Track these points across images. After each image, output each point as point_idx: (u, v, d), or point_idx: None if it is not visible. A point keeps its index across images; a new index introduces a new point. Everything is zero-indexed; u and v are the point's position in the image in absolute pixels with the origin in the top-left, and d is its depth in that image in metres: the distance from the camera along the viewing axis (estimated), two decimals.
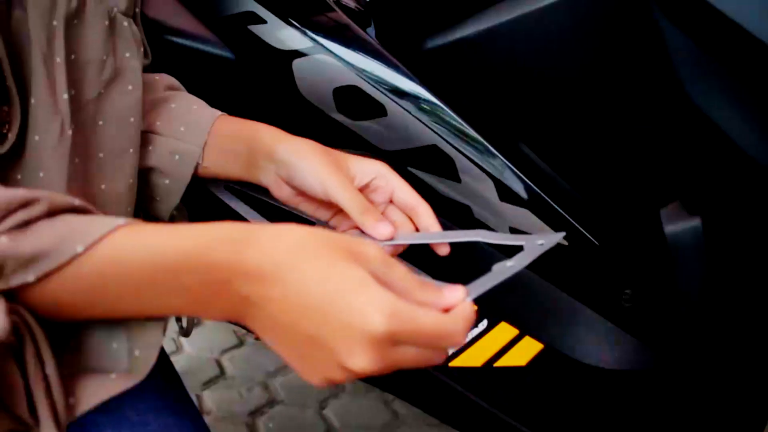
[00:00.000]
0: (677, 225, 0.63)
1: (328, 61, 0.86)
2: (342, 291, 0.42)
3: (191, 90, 0.77)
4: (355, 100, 0.85)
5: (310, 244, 0.44)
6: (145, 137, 0.69)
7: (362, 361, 0.41)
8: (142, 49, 0.63)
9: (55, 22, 0.55)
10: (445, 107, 0.82)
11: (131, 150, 0.63)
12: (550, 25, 0.77)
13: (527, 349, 0.78)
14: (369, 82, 0.84)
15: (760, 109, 0.60)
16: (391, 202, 0.68)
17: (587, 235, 0.80)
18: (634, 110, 0.76)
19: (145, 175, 0.69)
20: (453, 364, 0.76)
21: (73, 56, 0.57)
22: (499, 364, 0.76)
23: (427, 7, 0.89)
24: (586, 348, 0.79)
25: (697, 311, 0.63)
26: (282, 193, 0.68)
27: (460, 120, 0.82)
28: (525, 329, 0.76)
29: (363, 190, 0.67)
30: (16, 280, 0.41)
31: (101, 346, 0.47)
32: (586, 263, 0.81)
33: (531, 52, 0.81)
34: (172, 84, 0.75)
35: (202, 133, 0.69)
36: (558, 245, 0.80)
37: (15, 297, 0.42)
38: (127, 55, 0.61)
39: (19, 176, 0.54)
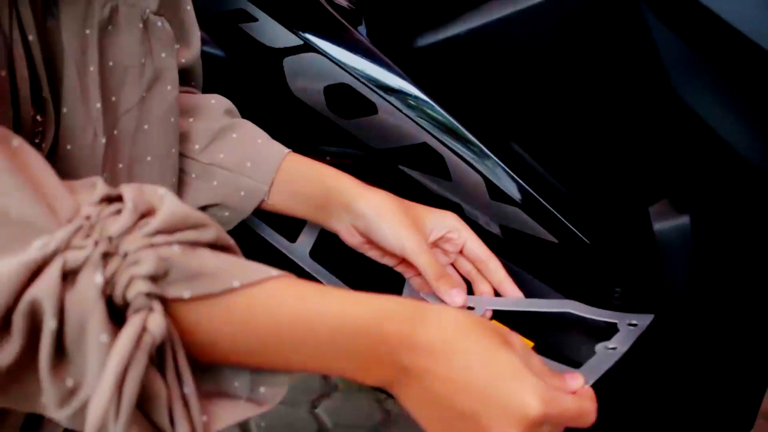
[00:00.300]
0: (666, 223, 0.63)
1: (319, 60, 0.86)
2: (504, 375, 0.46)
3: None
4: (345, 98, 0.85)
5: (472, 327, 0.47)
6: (210, 171, 0.70)
7: None
8: (176, 46, 0.63)
9: (87, 31, 0.54)
10: (436, 105, 0.82)
11: (173, 150, 0.63)
12: (540, 23, 0.77)
13: None
14: (360, 80, 0.84)
15: (750, 107, 0.60)
16: (461, 252, 0.72)
17: (578, 233, 0.80)
18: (624, 108, 0.76)
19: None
20: None
21: (110, 63, 0.57)
22: None
23: (418, 6, 0.89)
24: (577, 346, 0.79)
25: (684, 308, 0.63)
26: (353, 240, 0.71)
27: (450, 118, 0.82)
28: (516, 327, 0.76)
29: (437, 241, 0.71)
30: (173, 291, 0.40)
31: (224, 380, 0.46)
32: (576, 262, 0.81)
33: (521, 50, 0.81)
34: (229, 108, 0.75)
35: (270, 171, 0.70)
36: (549, 242, 0.80)
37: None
38: (163, 55, 0.61)
39: None
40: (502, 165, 0.81)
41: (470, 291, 0.74)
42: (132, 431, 0.37)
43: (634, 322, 0.69)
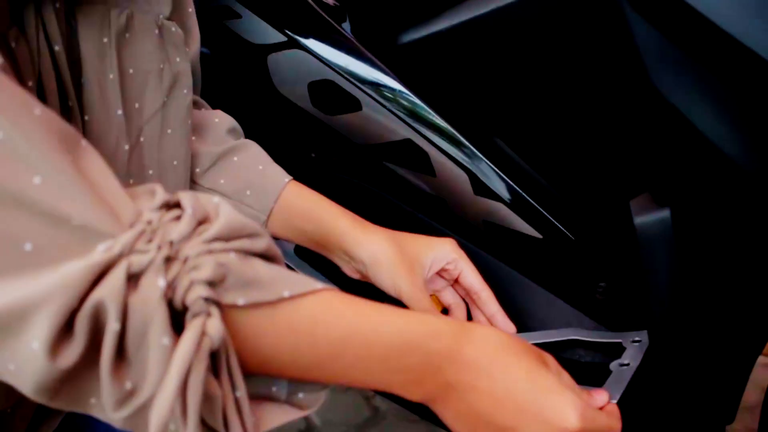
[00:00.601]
0: (646, 216, 0.63)
1: (303, 56, 0.86)
2: (544, 390, 0.48)
3: None
4: (330, 94, 0.85)
5: (513, 346, 0.50)
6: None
7: None
8: (187, 49, 0.63)
9: (105, 39, 0.55)
10: (420, 102, 0.83)
11: (189, 152, 0.64)
12: (522, 19, 0.78)
13: None
14: (344, 77, 0.84)
15: (728, 101, 0.61)
16: (457, 281, 0.74)
17: (562, 229, 0.80)
18: (604, 103, 0.77)
19: None
20: None
21: (131, 70, 0.57)
22: None
23: (402, 2, 0.90)
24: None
25: (665, 300, 0.63)
26: (355, 275, 0.73)
27: (435, 114, 0.82)
28: None
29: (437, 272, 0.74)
30: (229, 297, 0.40)
31: (264, 385, 0.47)
32: (561, 257, 0.81)
33: (503, 46, 0.81)
34: (232, 127, 0.76)
35: (268, 202, 0.72)
36: (533, 238, 0.81)
37: None
38: (178, 59, 0.62)
39: None
40: (486, 161, 0.81)
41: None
42: None
43: (637, 338, 0.73)
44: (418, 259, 0.71)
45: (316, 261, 0.85)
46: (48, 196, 0.36)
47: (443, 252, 0.72)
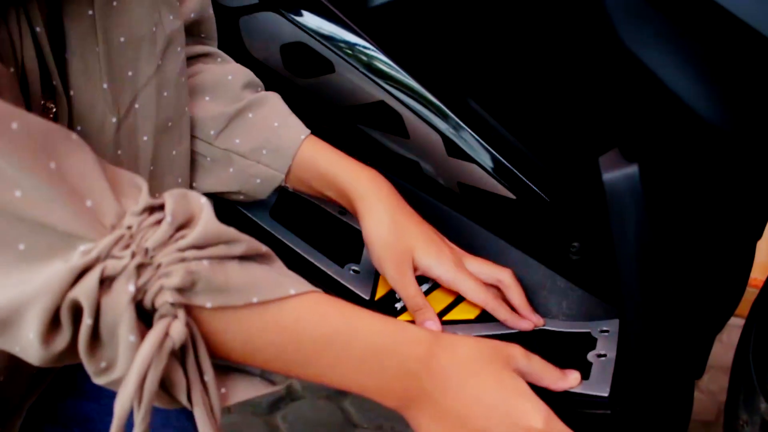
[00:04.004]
0: (615, 172, 0.64)
1: (275, 18, 0.85)
2: (512, 393, 0.52)
3: None
4: (302, 57, 0.85)
5: (481, 354, 0.53)
6: (227, 157, 0.73)
7: None
8: (177, 3, 0.62)
9: (90, 12, 0.54)
10: (392, 63, 0.82)
11: (186, 109, 0.65)
12: None
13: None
14: (316, 39, 0.84)
15: (695, 55, 0.61)
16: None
17: (536, 190, 0.80)
18: (573, 60, 0.77)
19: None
20: (402, 317, 0.77)
21: (122, 39, 0.56)
22: (448, 317, 0.77)
23: None
24: (536, 302, 0.80)
25: (633, 254, 0.64)
26: None
27: (408, 76, 0.82)
28: None
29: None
30: (198, 300, 0.44)
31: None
32: (535, 218, 0.82)
33: (475, 6, 0.81)
34: (247, 81, 0.76)
35: (286, 160, 0.74)
36: (506, 199, 0.81)
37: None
38: (171, 17, 0.61)
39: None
40: (460, 122, 0.81)
41: None
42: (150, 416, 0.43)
43: (605, 328, 0.75)
44: (411, 254, 0.74)
45: (291, 224, 0.85)
46: (30, 207, 0.40)
47: (436, 267, 0.74)
